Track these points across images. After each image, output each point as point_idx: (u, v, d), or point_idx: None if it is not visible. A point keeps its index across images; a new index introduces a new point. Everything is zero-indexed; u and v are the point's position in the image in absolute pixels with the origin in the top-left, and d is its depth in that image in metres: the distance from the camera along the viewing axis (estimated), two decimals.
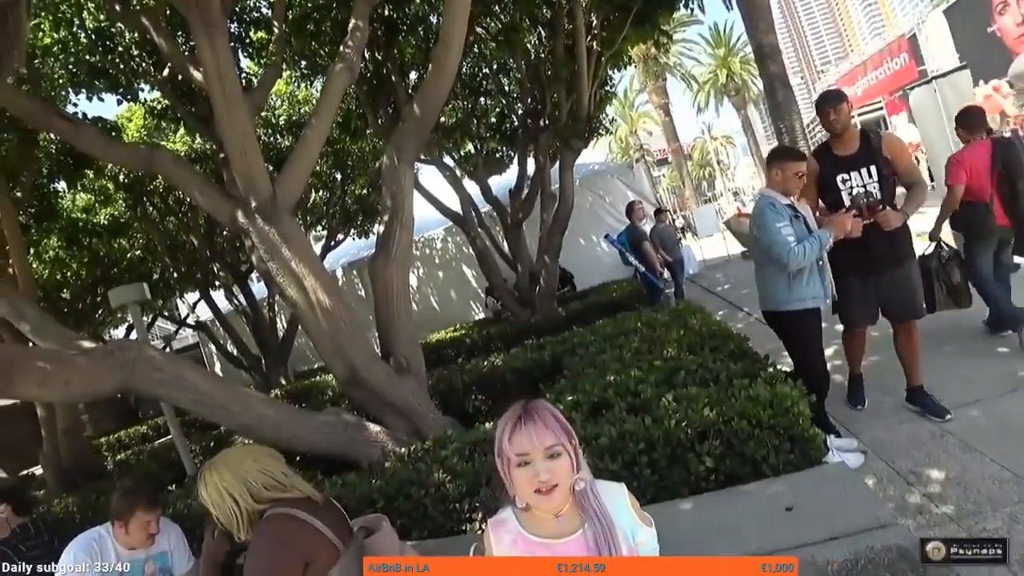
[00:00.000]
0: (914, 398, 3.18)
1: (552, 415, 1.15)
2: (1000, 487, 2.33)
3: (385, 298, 3.40)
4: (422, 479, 2.33)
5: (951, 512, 2.25)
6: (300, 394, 6.44)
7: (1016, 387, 3.11)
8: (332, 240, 9.89)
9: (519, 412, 1.15)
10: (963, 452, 2.64)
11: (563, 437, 1.13)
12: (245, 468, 1.50)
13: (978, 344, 3.86)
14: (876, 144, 3.07)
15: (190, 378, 2.81)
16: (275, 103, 7.75)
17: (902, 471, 2.62)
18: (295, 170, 3.33)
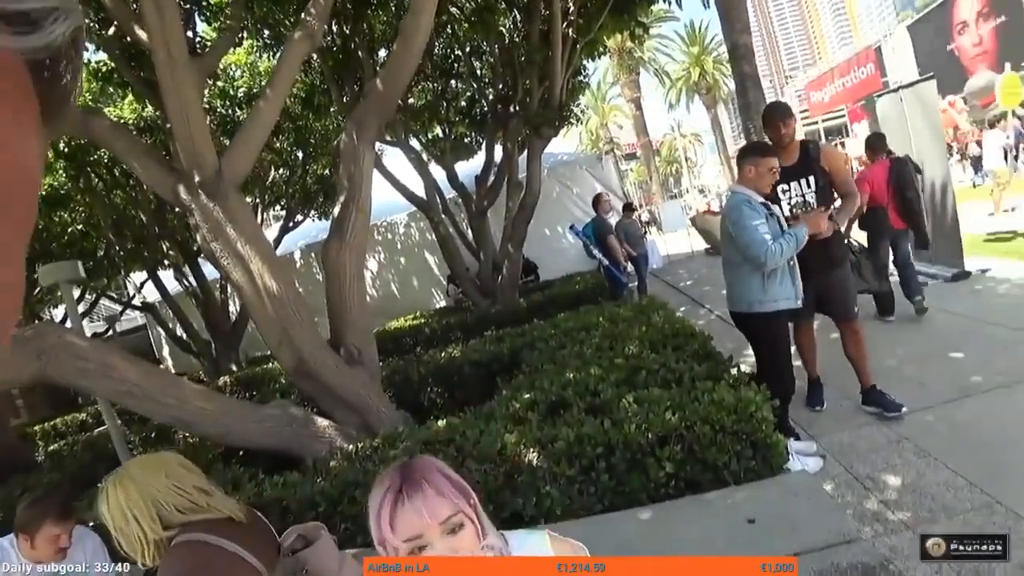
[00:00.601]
0: (869, 398, 3.27)
1: (442, 475, 0.91)
2: (954, 494, 2.36)
3: (338, 284, 3.21)
4: (368, 481, 2.17)
5: (907, 519, 2.27)
6: (250, 382, 6.18)
7: (969, 393, 3.18)
8: (291, 221, 9.52)
9: (397, 483, 0.88)
10: (918, 458, 2.67)
11: (461, 501, 0.89)
12: (155, 485, 1.27)
13: (930, 349, 3.95)
14: (815, 155, 3.19)
15: (118, 367, 2.58)
16: (234, 73, 7.34)
17: (860, 476, 2.63)
18: (245, 144, 3.09)
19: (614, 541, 1.74)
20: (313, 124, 7.99)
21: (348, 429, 2.99)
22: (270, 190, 9.02)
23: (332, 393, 3.07)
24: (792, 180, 3.16)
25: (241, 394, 5.98)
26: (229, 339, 8.65)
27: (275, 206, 9.91)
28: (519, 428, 2.39)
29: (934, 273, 5.70)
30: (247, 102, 6.82)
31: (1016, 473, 2.40)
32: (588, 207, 9.33)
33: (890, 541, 2.13)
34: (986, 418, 2.89)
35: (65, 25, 0.26)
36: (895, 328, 4.52)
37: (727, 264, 3.00)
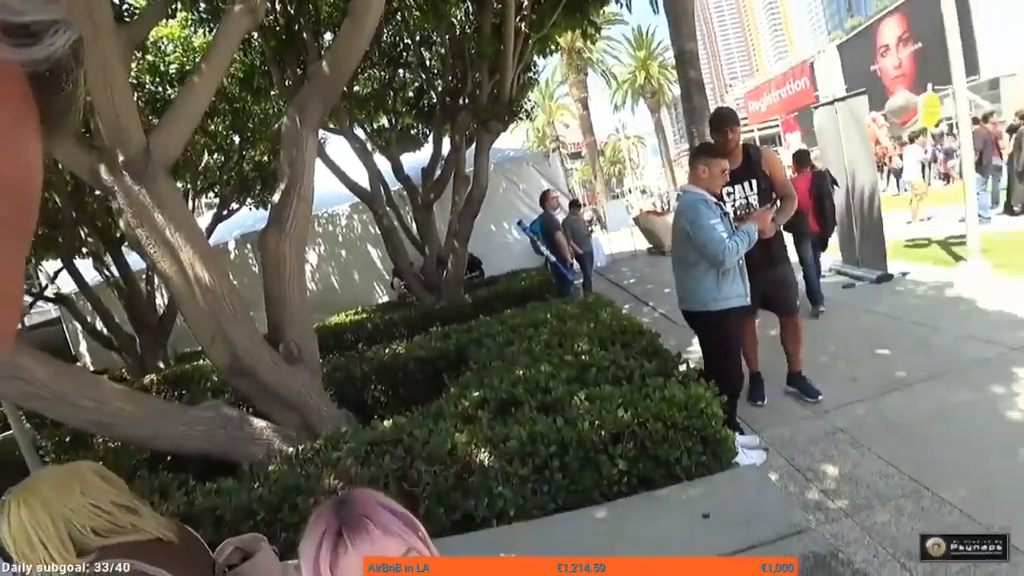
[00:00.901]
0: (793, 381, 3.61)
1: (386, 509, 0.80)
2: (886, 482, 2.50)
3: (276, 276, 3.03)
4: (311, 485, 2.06)
5: (846, 507, 2.38)
6: (179, 380, 5.78)
7: (895, 386, 3.40)
8: (225, 209, 8.99)
9: (336, 525, 0.77)
10: (853, 448, 2.82)
11: (410, 536, 0.79)
12: (68, 504, 1.05)
13: (860, 346, 4.18)
14: (756, 159, 3.34)
15: (24, 365, 2.31)
16: (165, 48, 6.82)
17: (801, 467, 2.74)
18: (176, 122, 2.85)
19: (569, 541, 1.71)
20: (252, 107, 7.55)
21: (287, 430, 2.83)
22: (203, 175, 8.46)
23: (269, 392, 2.89)
24: (736, 183, 3.28)
25: (169, 394, 5.59)
26: (156, 334, 8.07)
27: (208, 193, 9.33)
28: (469, 427, 2.33)
29: (861, 275, 6.05)
30: (179, 80, 6.35)
31: (939, 460, 2.57)
32: (534, 203, 9.34)
33: (832, 529, 2.22)
34: (911, 410, 3.10)
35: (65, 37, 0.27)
36: (827, 327, 4.75)
37: (680, 263, 3.02)
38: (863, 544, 2.12)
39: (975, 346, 3.71)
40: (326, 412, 3.03)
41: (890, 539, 2.12)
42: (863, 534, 2.18)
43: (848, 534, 2.19)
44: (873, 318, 4.77)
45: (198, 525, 1.96)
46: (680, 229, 2.92)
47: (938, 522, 2.17)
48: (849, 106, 5.90)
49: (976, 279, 5.31)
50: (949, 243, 6.94)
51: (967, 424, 2.85)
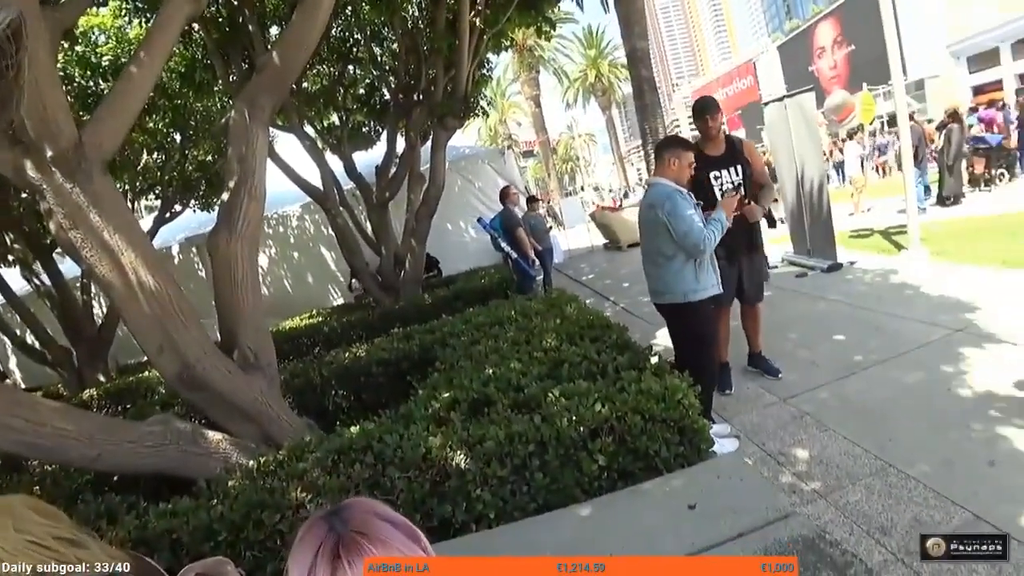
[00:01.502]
0: (754, 362, 3.81)
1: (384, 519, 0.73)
2: (854, 462, 2.58)
3: (228, 279, 2.85)
4: (275, 500, 1.92)
5: (819, 488, 2.44)
6: (123, 394, 5.43)
7: (853, 370, 3.54)
8: (168, 211, 8.52)
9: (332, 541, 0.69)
10: (820, 431, 2.90)
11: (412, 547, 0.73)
12: (2, 546, 0.89)
13: (817, 332, 4.32)
14: (739, 147, 3.49)
15: None
16: (97, 38, 6.38)
17: (772, 452, 2.80)
18: (113, 116, 2.63)
19: (555, 542, 1.66)
20: (193, 103, 7.18)
21: (246, 442, 2.67)
22: (142, 176, 7.99)
23: (225, 402, 2.72)
24: (722, 168, 3.43)
25: (112, 409, 5.24)
26: (95, 345, 7.55)
27: (149, 194, 8.83)
28: (442, 430, 2.24)
29: (812, 265, 6.27)
30: (112, 73, 5.95)
31: (900, 438, 2.67)
32: (491, 201, 9.27)
33: (808, 511, 2.26)
34: (870, 391, 3.22)
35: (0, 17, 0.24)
36: (785, 315, 4.88)
37: (657, 256, 2.97)
38: (839, 523, 2.17)
39: (922, 329, 3.89)
40: (287, 421, 2.87)
41: (863, 517, 2.18)
42: (838, 513, 2.23)
43: (824, 514, 2.24)
44: (828, 305, 4.94)
45: (154, 551, 1.81)
46: (653, 220, 2.87)
47: (905, 499, 2.23)
48: (798, 102, 6.10)
49: (917, 267, 5.59)
50: (890, 233, 7.29)
51: (922, 402, 2.98)
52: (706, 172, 3.38)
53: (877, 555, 1.97)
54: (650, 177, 3.05)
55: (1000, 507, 2.09)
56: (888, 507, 2.21)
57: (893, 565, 1.91)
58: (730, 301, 3.61)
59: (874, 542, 2.03)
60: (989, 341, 3.52)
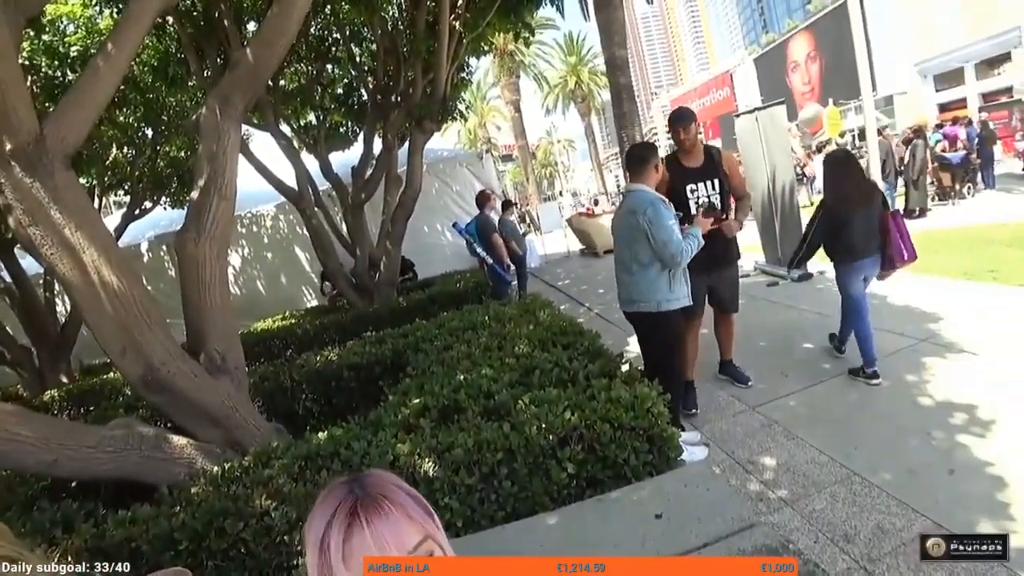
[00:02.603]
0: (725, 369, 3.82)
1: (403, 491, 0.75)
2: (820, 469, 2.63)
3: (196, 280, 2.78)
4: (239, 507, 1.87)
5: (785, 496, 2.48)
6: (85, 395, 5.25)
7: (822, 379, 3.61)
8: (137, 208, 8.30)
9: (350, 502, 0.70)
10: (787, 440, 2.95)
11: (428, 522, 0.73)
12: None
13: (787, 341, 4.40)
14: (718, 159, 3.44)
15: None
16: (65, 28, 6.19)
17: (741, 460, 2.83)
18: (77, 108, 2.55)
19: (522, 550, 1.65)
20: (166, 98, 7.01)
21: (211, 447, 2.60)
22: (111, 171, 7.78)
23: (190, 406, 2.65)
24: (699, 181, 3.38)
25: (74, 411, 5.07)
26: (57, 345, 7.29)
27: (118, 190, 8.60)
28: (411, 437, 2.21)
29: (783, 274, 6.39)
30: (81, 64, 5.78)
31: (865, 447, 2.74)
32: (468, 204, 9.26)
33: (775, 519, 2.30)
34: (837, 400, 3.30)
35: None
36: (756, 324, 4.96)
37: (632, 263, 2.97)
38: (804, 531, 2.21)
39: (889, 339, 3.99)
40: (254, 426, 2.81)
41: (828, 525, 2.22)
42: (803, 521, 2.27)
43: (790, 523, 2.28)
44: (798, 314, 5.05)
45: (112, 560, 1.75)
46: (633, 227, 2.87)
47: (868, 507, 2.28)
48: (770, 114, 6.24)
49: None
50: None
51: (887, 411, 3.06)
52: (683, 184, 3.37)
53: (840, 563, 2.01)
54: (629, 183, 3.04)
55: (959, 514, 2.15)
56: (852, 515, 2.26)
57: (856, 573, 1.95)
58: (700, 313, 3.56)
59: (838, 550, 2.07)
60: (951, 351, 3.64)
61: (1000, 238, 6.48)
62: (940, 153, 10.40)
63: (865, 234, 3.46)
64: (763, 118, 6.29)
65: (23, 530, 2.00)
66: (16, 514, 2.32)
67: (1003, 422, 2.73)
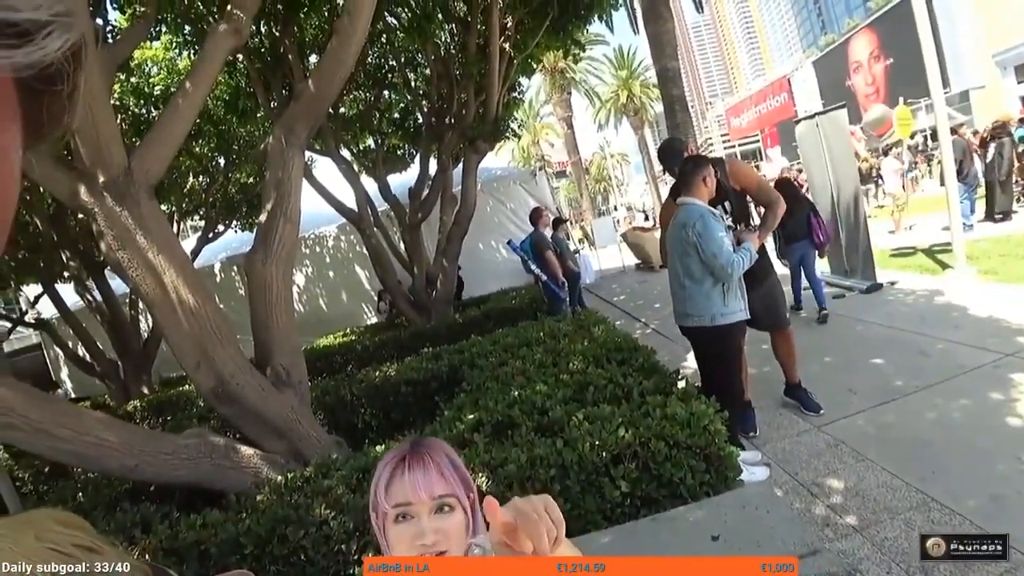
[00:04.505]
0: (791, 393, 3.52)
1: (448, 458, 0.94)
2: (893, 494, 2.46)
3: (263, 299, 2.95)
4: (300, 516, 1.96)
5: (855, 523, 2.33)
6: (163, 406, 5.64)
7: (893, 396, 3.37)
8: (211, 231, 8.88)
9: (404, 452, 0.93)
10: (856, 461, 2.77)
11: (459, 488, 0.91)
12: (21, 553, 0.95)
13: (855, 357, 4.16)
14: (723, 180, 3.18)
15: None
16: (149, 70, 6.78)
17: (805, 483, 2.69)
18: (159, 143, 2.79)
19: None
20: (237, 129, 7.51)
21: (276, 458, 2.73)
22: (188, 198, 8.38)
23: (257, 418, 2.80)
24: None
25: (153, 420, 5.44)
26: (139, 359, 7.89)
27: (194, 215, 9.23)
28: (465, 451, 2.24)
29: (850, 285, 6.08)
30: (163, 101, 6.30)
31: (943, 470, 2.54)
32: (523, 222, 9.32)
33: (843, 546, 2.17)
34: (912, 419, 3.07)
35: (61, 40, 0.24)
36: (822, 338, 4.74)
37: (685, 277, 2.92)
38: (875, 560, 2.07)
39: (969, 353, 3.71)
40: (316, 438, 2.93)
41: (902, 554, 2.07)
42: (875, 550, 2.12)
43: (859, 551, 2.14)
44: (866, 328, 4.77)
45: (183, 561, 1.86)
46: (684, 240, 2.83)
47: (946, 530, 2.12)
48: (831, 119, 5.99)
49: (964, 286, 5.35)
50: (934, 251, 7.01)
51: (968, 432, 2.83)
52: None
53: None
54: (680, 197, 2.98)
55: None
56: None
57: None
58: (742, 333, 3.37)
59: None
60: None
61: None
62: None
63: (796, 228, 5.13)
64: (824, 123, 6.04)
65: (107, 528, 2.16)
66: (101, 513, 2.51)
67: None
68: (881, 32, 23.99)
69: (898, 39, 20.71)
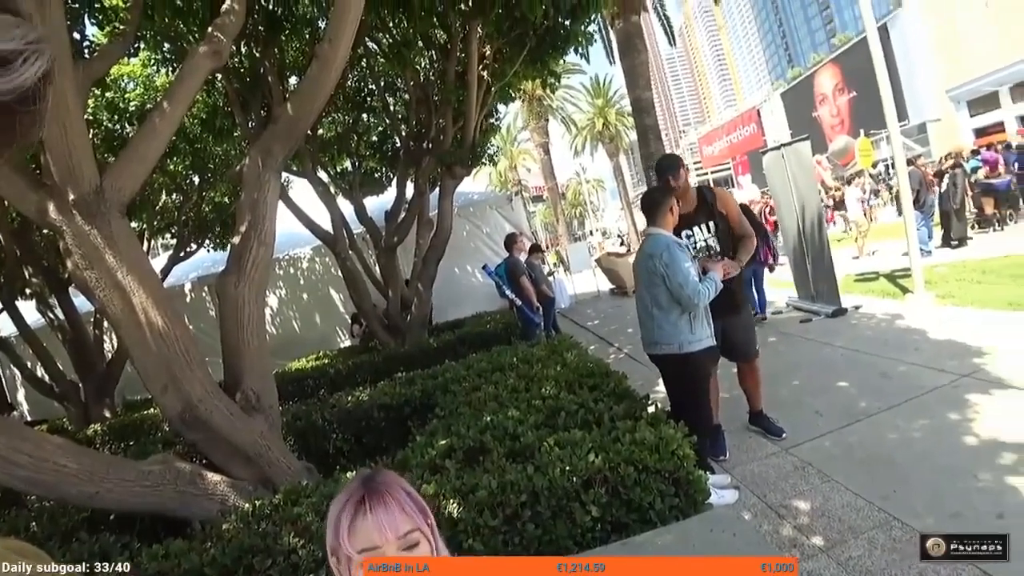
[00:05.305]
0: (756, 421, 3.61)
1: (405, 491, 0.95)
2: (857, 514, 2.52)
3: (234, 321, 2.91)
4: (268, 544, 1.92)
5: (821, 543, 2.38)
6: (126, 430, 5.45)
7: (858, 418, 3.47)
8: (183, 250, 8.72)
9: (361, 492, 0.92)
10: (822, 482, 2.85)
11: (420, 518, 0.93)
12: None
13: (821, 379, 4.28)
14: (711, 201, 3.37)
15: None
16: (126, 85, 6.70)
17: (773, 504, 2.74)
18: (134, 161, 2.75)
19: None
20: (213, 148, 7.46)
21: (244, 484, 2.67)
22: (160, 215, 8.24)
23: (225, 444, 2.73)
24: (694, 226, 3.33)
25: (115, 445, 5.25)
26: (103, 381, 7.60)
27: (165, 233, 9.07)
28: (436, 478, 2.23)
29: (816, 310, 6.25)
30: (138, 118, 6.23)
31: (905, 490, 2.62)
32: (498, 246, 9.39)
33: (809, 567, 2.20)
34: (874, 440, 3.17)
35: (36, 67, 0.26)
36: (789, 362, 4.86)
37: (652, 306, 2.97)
38: None
39: (929, 375, 3.85)
40: (285, 464, 2.88)
41: (866, 573, 2.13)
42: (840, 569, 2.18)
43: (825, 570, 2.19)
44: (832, 351, 4.91)
45: None
46: (651, 270, 2.89)
47: (910, 553, 2.18)
48: (795, 150, 6.24)
49: (923, 310, 5.57)
50: (895, 276, 7.28)
51: (928, 451, 2.93)
52: (677, 230, 3.27)
53: None
54: (647, 227, 3.06)
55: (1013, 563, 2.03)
56: (892, 563, 2.16)
57: None
58: (715, 361, 3.41)
59: None
60: (997, 387, 3.48)
61: None
62: (984, 179, 10.11)
63: None
64: (789, 154, 6.29)
65: (64, 560, 2.08)
66: (56, 543, 2.41)
67: None
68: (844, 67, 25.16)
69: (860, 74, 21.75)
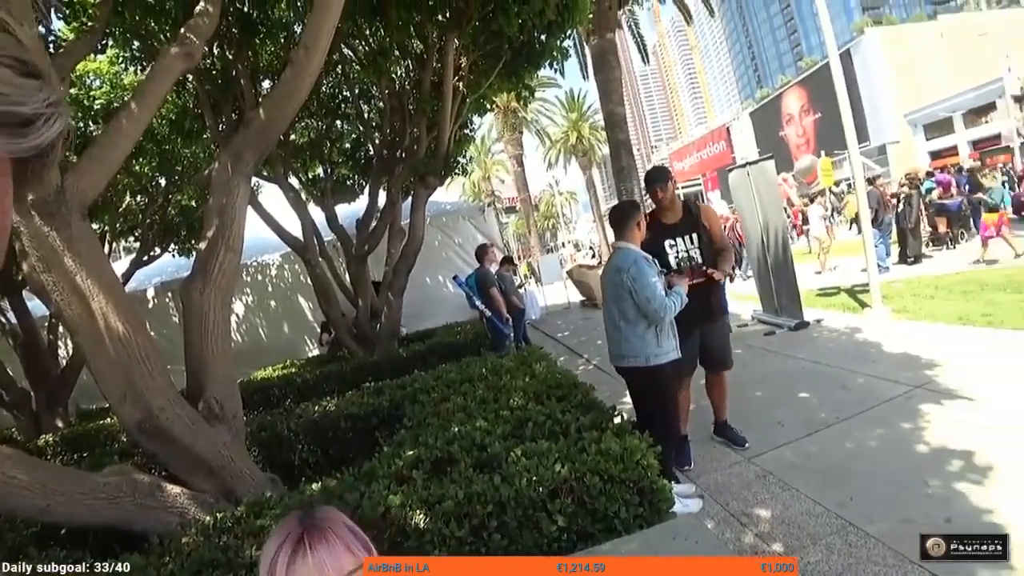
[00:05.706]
0: (720, 431, 3.69)
1: (346, 526, 0.90)
2: (815, 521, 2.60)
3: (199, 328, 2.85)
4: (229, 558, 1.87)
5: (781, 550, 2.45)
6: (80, 441, 5.24)
7: (817, 428, 3.60)
8: (146, 254, 8.47)
9: (299, 530, 0.85)
10: (783, 491, 2.93)
11: (363, 553, 0.88)
12: None
13: (783, 391, 4.40)
14: (696, 214, 3.49)
15: None
16: (92, 83, 6.51)
17: (735, 512, 2.81)
18: (98, 162, 2.67)
19: None
20: (181, 150, 7.29)
21: (205, 497, 2.60)
22: (124, 217, 7.99)
23: (186, 454, 2.66)
24: (678, 236, 3.44)
25: (67, 457, 5.05)
26: (56, 389, 7.26)
27: (128, 236, 8.81)
28: (403, 488, 2.22)
29: (780, 323, 6.43)
30: (104, 117, 6.05)
31: (861, 496, 2.72)
32: (470, 257, 9.39)
33: None
34: (832, 449, 3.28)
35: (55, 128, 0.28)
36: (752, 374, 4.98)
37: (620, 319, 3.01)
38: None
39: (884, 386, 4.01)
40: (249, 476, 2.81)
41: None
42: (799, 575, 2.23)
43: None
44: (794, 363, 5.06)
45: None
46: (618, 284, 2.94)
47: (864, 558, 2.26)
48: (760, 168, 6.44)
49: (879, 324, 5.79)
50: (855, 291, 7.55)
51: (883, 459, 3.05)
52: (662, 240, 3.43)
53: None
54: (614, 241, 3.12)
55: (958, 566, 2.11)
56: (848, 567, 2.23)
57: None
58: (691, 371, 3.55)
59: None
60: (947, 397, 3.64)
61: (994, 282, 6.55)
62: (938, 200, 10.60)
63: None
64: (754, 172, 6.48)
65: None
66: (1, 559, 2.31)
67: (1000, 468, 2.71)
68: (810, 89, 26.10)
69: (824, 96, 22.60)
